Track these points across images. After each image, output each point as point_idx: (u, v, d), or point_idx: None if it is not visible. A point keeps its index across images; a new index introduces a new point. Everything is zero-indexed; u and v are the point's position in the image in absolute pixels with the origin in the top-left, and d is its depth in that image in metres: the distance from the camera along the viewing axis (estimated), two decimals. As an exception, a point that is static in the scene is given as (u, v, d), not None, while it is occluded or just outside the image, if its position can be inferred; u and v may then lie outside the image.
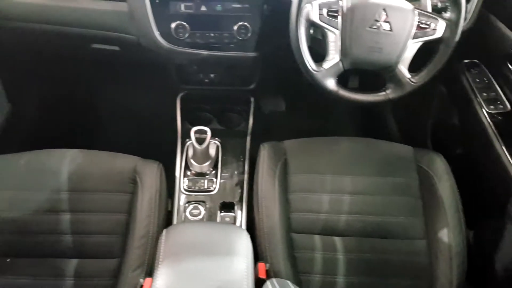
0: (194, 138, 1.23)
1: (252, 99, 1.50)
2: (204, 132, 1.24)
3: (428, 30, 1.05)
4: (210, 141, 1.25)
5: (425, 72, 1.08)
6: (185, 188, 1.27)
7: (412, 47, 1.05)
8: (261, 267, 1.00)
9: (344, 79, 1.12)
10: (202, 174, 1.30)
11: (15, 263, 1.07)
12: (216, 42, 1.21)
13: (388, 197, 1.19)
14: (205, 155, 1.27)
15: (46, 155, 1.21)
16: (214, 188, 1.27)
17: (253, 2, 1.16)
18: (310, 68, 1.05)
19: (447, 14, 1.06)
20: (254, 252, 0.87)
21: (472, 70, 1.32)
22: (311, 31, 1.11)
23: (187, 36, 1.18)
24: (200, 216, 1.22)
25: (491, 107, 1.23)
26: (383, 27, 1.02)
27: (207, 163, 1.29)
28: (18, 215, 1.11)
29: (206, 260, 0.84)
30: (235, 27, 1.19)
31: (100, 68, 1.60)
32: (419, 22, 1.04)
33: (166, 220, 1.14)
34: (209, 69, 1.41)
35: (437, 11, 1.11)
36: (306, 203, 1.17)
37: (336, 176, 1.21)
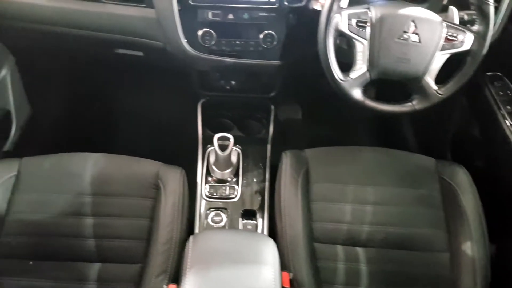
0: (217, 145, 1.23)
1: (272, 107, 1.50)
2: (227, 139, 1.25)
3: (456, 42, 1.05)
4: (231, 148, 1.26)
5: (451, 84, 1.08)
6: (207, 194, 1.27)
7: (440, 59, 1.05)
8: (285, 276, 0.99)
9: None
10: (223, 181, 1.30)
11: (37, 266, 1.08)
12: (242, 50, 1.21)
13: (410, 208, 1.19)
14: (227, 162, 1.28)
15: (70, 158, 1.22)
16: (236, 196, 1.27)
17: (279, 11, 1.16)
18: (337, 77, 1.05)
19: (475, 27, 1.06)
20: None
21: (495, 82, 1.31)
22: (337, 40, 1.11)
23: (213, 43, 1.19)
24: (222, 223, 1.22)
25: None
26: (411, 39, 1.02)
27: (228, 170, 1.29)
28: (41, 217, 1.12)
29: (234, 268, 0.84)
30: (261, 36, 1.19)
31: (122, 72, 1.61)
32: (447, 34, 1.04)
33: (188, 227, 1.14)
34: (231, 76, 1.42)
35: (463, 23, 1.11)
36: (328, 212, 1.17)
37: (359, 186, 1.21)
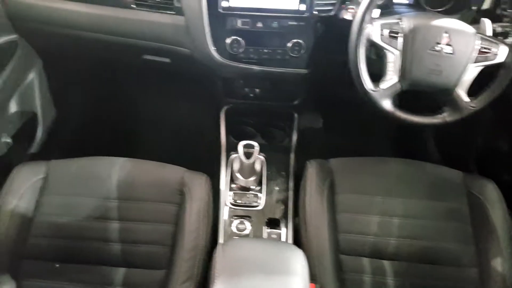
0: (242, 152, 1.23)
1: (295, 115, 1.50)
2: (251, 147, 1.24)
3: (489, 54, 1.03)
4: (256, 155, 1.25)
5: (484, 96, 1.06)
6: (231, 201, 1.26)
7: (472, 71, 1.04)
8: (313, 288, 0.98)
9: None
10: (247, 189, 1.29)
11: (64, 269, 1.08)
12: (269, 58, 1.21)
13: (438, 222, 1.17)
14: (251, 170, 1.27)
15: (97, 162, 1.23)
16: (260, 204, 1.26)
17: (308, 20, 1.16)
18: (367, 87, 1.05)
19: (509, 39, 1.05)
20: None
21: None
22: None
23: (241, 51, 1.19)
24: (246, 232, 1.21)
25: None
26: (444, 50, 1.01)
27: (252, 178, 1.28)
28: (68, 220, 1.12)
29: (264, 278, 0.83)
30: (289, 44, 1.19)
31: (146, 78, 1.62)
32: (481, 46, 1.03)
33: (212, 234, 1.14)
34: (255, 84, 1.42)
35: (496, 35, 1.09)
36: (354, 224, 1.15)
37: (385, 198, 1.19)
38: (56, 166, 1.21)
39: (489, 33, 1.08)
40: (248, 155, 1.24)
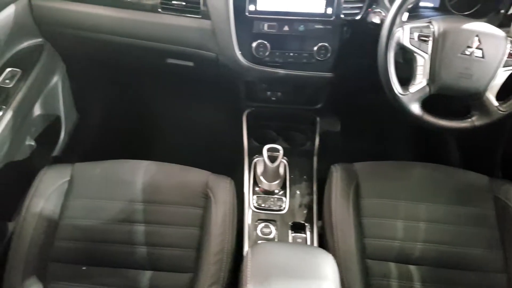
0: (266, 156, 1.23)
1: (318, 119, 1.49)
2: (275, 150, 1.24)
3: (520, 58, 1.02)
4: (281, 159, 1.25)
5: (514, 100, 1.05)
6: (255, 205, 1.26)
7: (502, 75, 1.03)
8: (341, 292, 0.97)
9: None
10: (270, 192, 1.29)
11: (90, 271, 1.08)
12: (295, 62, 1.21)
13: (464, 227, 1.16)
14: (275, 173, 1.27)
15: (121, 165, 1.23)
16: (284, 208, 1.26)
17: (335, 23, 1.16)
18: (396, 91, 1.04)
19: None
20: None
21: None
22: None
23: (266, 54, 1.19)
24: (272, 235, 1.20)
25: None
26: (475, 54, 1.01)
27: (276, 182, 1.28)
28: (93, 223, 1.13)
29: (296, 283, 0.82)
30: (315, 48, 1.19)
31: (168, 82, 1.63)
32: (511, 50, 1.02)
33: (237, 237, 1.14)
34: (278, 88, 1.42)
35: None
36: (380, 228, 1.15)
37: (410, 202, 1.18)
38: (80, 169, 1.21)
39: (519, 36, 1.07)
40: (272, 159, 1.23)
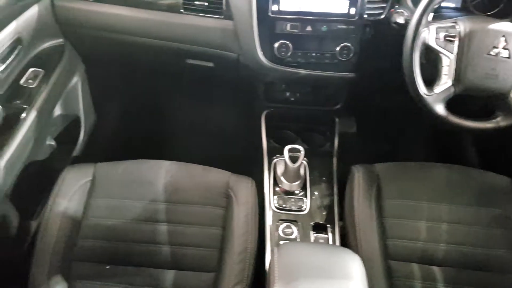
0: (287, 156, 1.23)
1: (337, 120, 1.49)
2: (296, 151, 1.24)
3: (545, 58, 1.02)
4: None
5: (539, 100, 1.05)
6: (276, 205, 1.26)
7: (528, 76, 1.02)
8: (366, 293, 0.97)
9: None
10: (291, 193, 1.29)
11: (114, 270, 1.09)
12: (317, 62, 1.21)
13: (487, 229, 1.15)
14: (296, 174, 1.27)
15: (142, 165, 1.24)
16: (305, 208, 1.26)
17: (358, 24, 1.16)
18: (421, 92, 1.04)
19: None
20: None
21: None
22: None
23: (289, 55, 1.20)
24: (293, 236, 1.20)
25: None
26: (501, 54, 1.00)
27: (297, 182, 1.28)
28: (116, 222, 1.13)
29: (323, 282, 0.82)
30: (337, 48, 1.19)
31: (187, 82, 1.63)
32: (537, 50, 1.01)
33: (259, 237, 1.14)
34: (297, 88, 1.42)
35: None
36: (402, 229, 1.14)
37: (432, 203, 1.18)
38: (102, 168, 1.22)
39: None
40: (293, 159, 1.23)
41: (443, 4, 1.23)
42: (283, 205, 1.26)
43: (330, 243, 1.21)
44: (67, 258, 1.09)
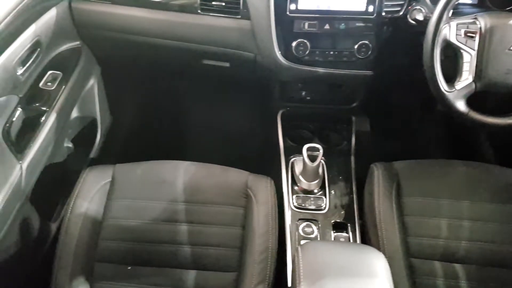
0: (306, 155, 1.23)
1: (353, 118, 1.49)
2: (315, 150, 1.24)
3: None
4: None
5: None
6: (295, 205, 1.26)
7: (550, 71, 1.02)
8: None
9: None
10: (309, 192, 1.29)
11: (135, 271, 1.09)
12: (335, 60, 1.22)
13: (509, 225, 1.14)
14: (315, 173, 1.27)
15: (161, 166, 1.24)
16: (325, 207, 1.26)
17: (376, 21, 1.16)
18: (442, 88, 1.03)
19: None
20: None
21: None
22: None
23: (306, 53, 1.20)
24: (313, 235, 1.20)
25: None
26: (523, 50, 0.99)
27: (316, 181, 1.28)
28: (136, 223, 1.13)
29: (349, 281, 0.82)
30: (355, 46, 1.19)
31: (202, 82, 1.63)
32: (560, 45, 1.01)
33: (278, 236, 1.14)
34: (313, 87, 1.42)
35: None
36: (423, 227, 1.14)
37: (453, 201, 1.17)
38: (121, 170, 1.22)
39: None
40: (311, 158, 1.23)
41: (461, 1, 1.23)
42: (302, 204, 1.26)
43: (351, 241, 1.20)
44: (89, 259, 1.09)
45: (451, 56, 1.07)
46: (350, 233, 1.22)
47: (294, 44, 1.18)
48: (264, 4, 1.13)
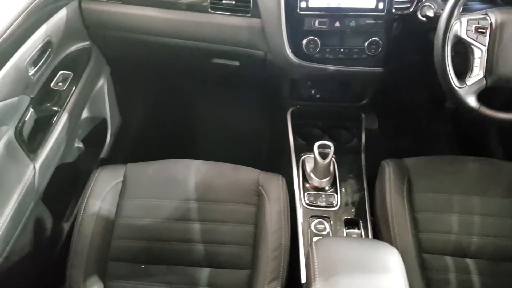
0: (317, 152, 1.23)
1: (363, 116, 1.49)
2: (326, 147, 1.24)
3: None
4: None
5: None
6: (306, 202, 1.26)
7: (561, 66, 1.02)
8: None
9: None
10: (320, 189, 1.29)
11: (149, 270, 1.10)
12: (345, 58, 1.22)
13: None
14: (326, 170, 1.27)
15: (173, 165, 1.25)
16: (336, 204, 1.26)
17: (386, 18, 1.16)
18: (453, 84, 1.03)
19: None
20: None
21: None
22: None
23: (317, 51, 1.20)
24: (326, 232, 1.20)
25: None
26: (533, 45, 1.00)
27: (327, 178, 1.28)
28: (149, 222, 1.14)
29: (364, 277, 0.82)
30: (366, 43, 1.19)
31: (212, 81, 1.64)
32: None
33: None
34: (323, 85, 1.42)
35: None
36: (435, 222, 1.14)
37: (464, 196, 1.17)
38: (133, 169, 1.23)
39: None
40: (322, 156, 1.24)
41: (470, -4, 1.23)
42: (314, 202, 1.26)
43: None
44: (103, 259, 1.10)
45: (461, 52, 1.08)
46: (362, 230, 1.22)
47: (304, 41, 1.19)
48: (275, 2, 1.13)
